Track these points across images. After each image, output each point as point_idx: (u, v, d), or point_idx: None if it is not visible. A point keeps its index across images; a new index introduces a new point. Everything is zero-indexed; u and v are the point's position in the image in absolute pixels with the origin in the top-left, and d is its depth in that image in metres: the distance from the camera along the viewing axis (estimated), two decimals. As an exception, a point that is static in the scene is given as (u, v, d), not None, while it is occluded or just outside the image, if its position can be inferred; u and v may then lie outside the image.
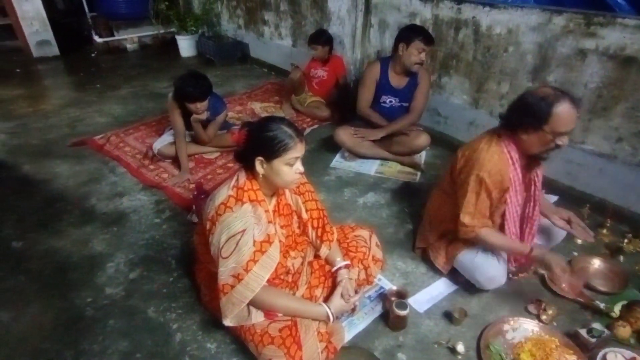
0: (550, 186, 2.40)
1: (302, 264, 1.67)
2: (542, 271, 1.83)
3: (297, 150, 1.39)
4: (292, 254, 1.64)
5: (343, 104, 3.23)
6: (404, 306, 1.59)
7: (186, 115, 2.63)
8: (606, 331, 1.56)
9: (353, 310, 1.60)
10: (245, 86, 4.29)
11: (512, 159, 1.57)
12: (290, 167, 1.40)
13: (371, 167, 2.75)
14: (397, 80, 2.66)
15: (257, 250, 1.41)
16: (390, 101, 2.71)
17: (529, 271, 1.88)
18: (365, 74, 2.74)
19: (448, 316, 1.68)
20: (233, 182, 1.48)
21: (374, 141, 2.72)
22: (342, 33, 3.52)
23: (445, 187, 1.83)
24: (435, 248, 1.88)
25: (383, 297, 1.75)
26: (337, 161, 2.83)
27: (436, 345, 1.58)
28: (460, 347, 1.53)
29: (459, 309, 1.67)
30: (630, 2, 2.07)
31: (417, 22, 2.95)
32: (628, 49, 2.01)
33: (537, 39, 2.34)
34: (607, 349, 1.50)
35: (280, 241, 1.55)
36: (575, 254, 1.99)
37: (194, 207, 2.22)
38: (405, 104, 2.70)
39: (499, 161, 1.55)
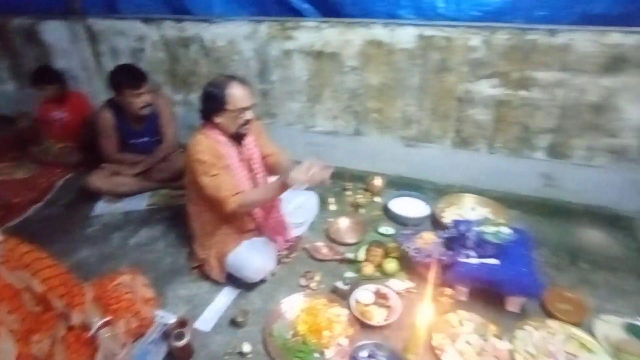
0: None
1: (52, 344, 1.44)
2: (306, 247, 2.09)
3: None
4: (36, 337, 1.39)
5: (92, 145, 2.90)
6: (181, 336, 1.55)
7: None
8: (356, 275, 1.89)
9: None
10: (-34, 149, 3.39)
11: (219, 141, 1.78)
12: None
13: (141, 202, 2.58)
14: (136, 122, 2.51)
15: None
16: (141, 141, 2.58)
17: (298, 250, 2.11)
18: (98, 125, 2.51)
19: (234, 322, 1.74)
20: None
21: (135, 176, 2.56)
22: (71, 66, 3.16)
23: (192, 195, 1.89)
24: (207, 261, 1.91)
25: (166, 334, 1.68)
26: (101, 207, 2.54)
27: (226, 357, 1.61)
28: (246, 347, 1.60)
29: (241, 311, 1.74)
30: (314, 6, 2.50)
31: (147, 44, 2.89)
32: (316, 46, 2.44)
33: (252, 46, 2.61)
34: (357, 290, 1.82)
35: (11, 330, 1.29)
36: (331, 220, 2.34)
37: None
38: (157, 137, 2.60)
39: (206, 143, 1.75)
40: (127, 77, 2.34)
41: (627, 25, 1.90)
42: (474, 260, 1.76)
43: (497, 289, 1.71)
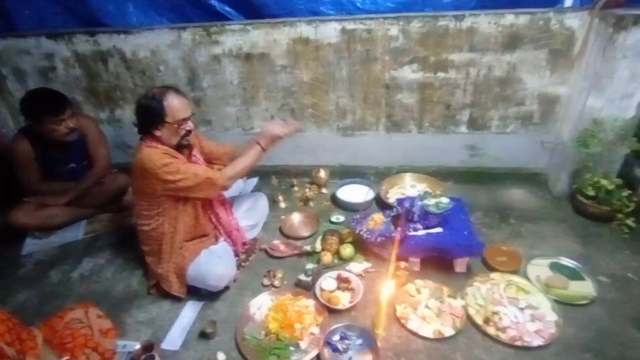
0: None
1: (8, 396, 1.32)
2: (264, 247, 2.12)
3: None
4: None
5: (6, 178, 2.61)
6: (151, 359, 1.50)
7: None
8: (316, 266, 1.96)
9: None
10: None
11: (168, 148, 1.73)
12: None
13: (77, 232, 2.40)
14: (59, 149, 2.27)
15: None
16: (68, 168, 2.36)
17: (255, 252, 2.13)
18: (15, 158, 2.23)
19: (204, 335, 1.71)
20: None
21: (66, 205, 2.36)
22: (-32, 95, 2.81)
23: (146, 212, 1.81)
24: (165, 278, 1.85)
25: (133, 362, 1.61)
26: (31, 244, 2.32)
27: (201, 371, 1.59)
28: (221, 357, 1.59)
29: (209, 322, 1.71)
30: (236, 8, 2.49)
31: (57, 61, 2.67)
32: (244, 48, 2.44)
33: (178, 54, 2.53)
34: (320, 279, 1.89)
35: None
36: (283, 217, 2.38)
37: None
38: (86, 162, 2.40)
39: (157, 151, 1.68)
40: (46, 103, 2.10)
41: (518, 7, 2.16)
42: (421, 232, 1.91)
43: (445, 255, 1.88)
